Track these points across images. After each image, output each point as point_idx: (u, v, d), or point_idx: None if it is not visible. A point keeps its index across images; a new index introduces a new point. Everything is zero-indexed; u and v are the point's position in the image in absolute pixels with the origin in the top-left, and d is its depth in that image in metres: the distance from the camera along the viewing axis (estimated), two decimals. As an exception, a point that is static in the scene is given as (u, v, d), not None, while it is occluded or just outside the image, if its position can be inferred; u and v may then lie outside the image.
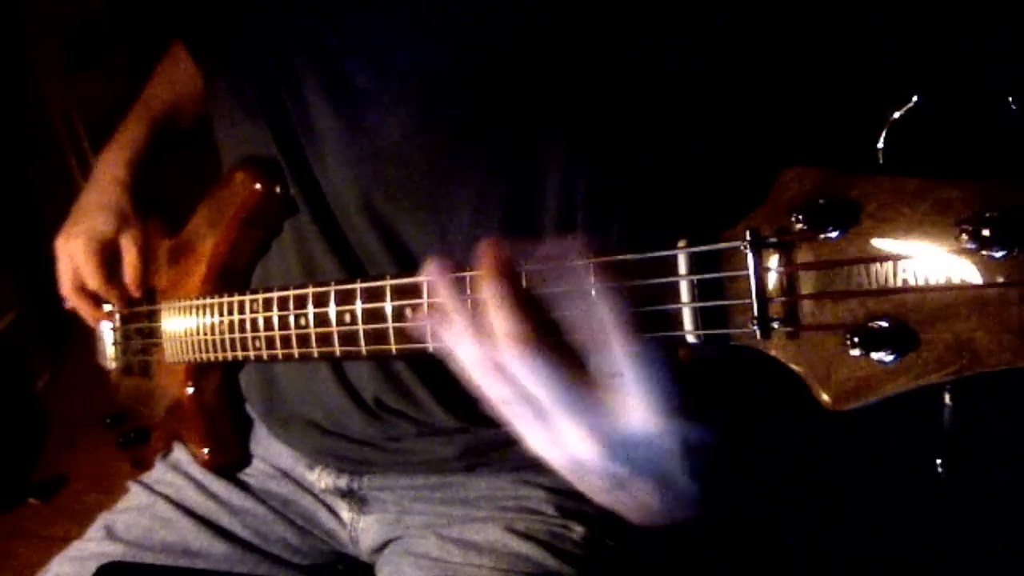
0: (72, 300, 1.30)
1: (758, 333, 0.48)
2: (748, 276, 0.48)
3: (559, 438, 0.56)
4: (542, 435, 0.57)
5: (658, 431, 0.54)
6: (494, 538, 0.97)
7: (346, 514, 1.11)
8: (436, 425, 0.98)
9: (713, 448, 0.57)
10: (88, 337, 1.46)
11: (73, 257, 1.23)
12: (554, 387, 0.53)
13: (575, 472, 0.59)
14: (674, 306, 0.52)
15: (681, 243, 0.52)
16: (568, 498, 1.00)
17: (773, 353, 0.49)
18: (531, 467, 1.01)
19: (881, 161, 0.46)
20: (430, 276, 0.63)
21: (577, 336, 0.54)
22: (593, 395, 0.54)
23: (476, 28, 0.83)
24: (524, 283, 0.58)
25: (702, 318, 0.51)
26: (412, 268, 0.89)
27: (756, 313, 0.48)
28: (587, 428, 0.54)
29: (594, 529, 0.98)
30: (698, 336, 0.51)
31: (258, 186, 1.00)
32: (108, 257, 1.24)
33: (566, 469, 0.59)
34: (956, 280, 0.40)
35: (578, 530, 0.98)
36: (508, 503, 1.01)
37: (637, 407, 0.52)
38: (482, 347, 0.57)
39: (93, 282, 1.24)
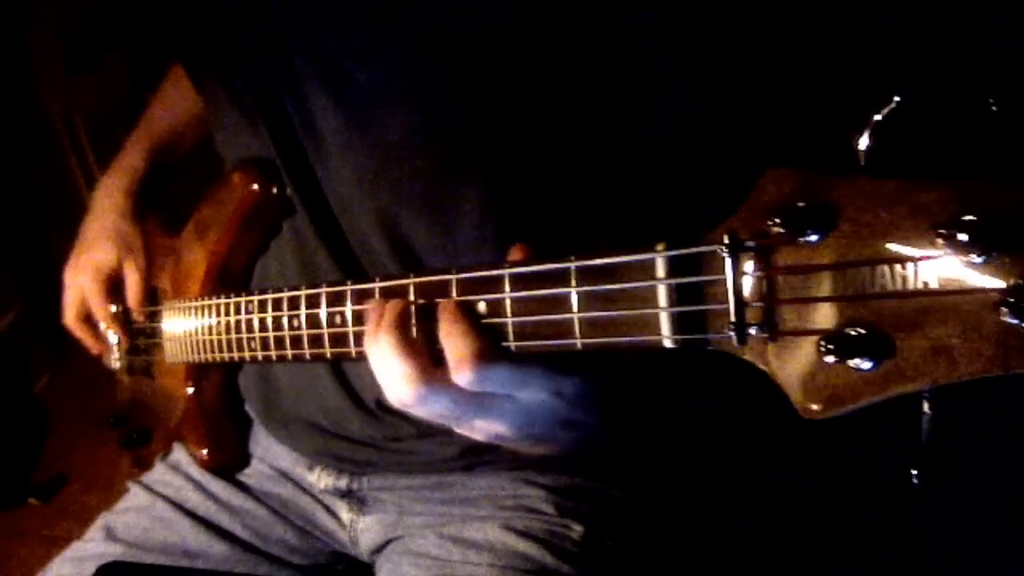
0: (75, 331, 1.33)
1: (735, 339, 0.47)
2: (726, 280, 0.47)
3: (473, 432, 0.71)
4: (462, 429, 0.71)
5: (547, 396, 0.67)
6: (493, 537, 0.97)
7: (345, 515, 1.11)
8: (436, 425, 0.98)
9: (595, 391, 0.70)
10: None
11: (81, 289, 1.27)
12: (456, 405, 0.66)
13: (499, 443, 0.72)
14: (651, 310, 0.51)
15: (659, 246, 0.51)
16: (567, 497, 1.00)
17: (749, 359, 0.48)
18: (531, 466, 1.01)
19: (863, 162, 0.45)
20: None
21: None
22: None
23: (476, 28, 0.83)
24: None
25: (679, 323, 0.51)
26: (416, 267, 0.90)
27: (733, 318, 0.47)
28: (496, 421, 0.69)
29: (593, 528, 0.98)
30: (675, 341, 0.51)
31: (256, 187, 1.00)
32: (114, 287, 1.27)
33: (491, 443, 0.72)
34: (933, 285, 0.39)
35: (577, 529, 0.98)
36: (507, 502, 1.01)
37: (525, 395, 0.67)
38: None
39: (100, 314, 1.27)
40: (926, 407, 0.44)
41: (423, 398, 0.65)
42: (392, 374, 0.66)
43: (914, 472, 0.44)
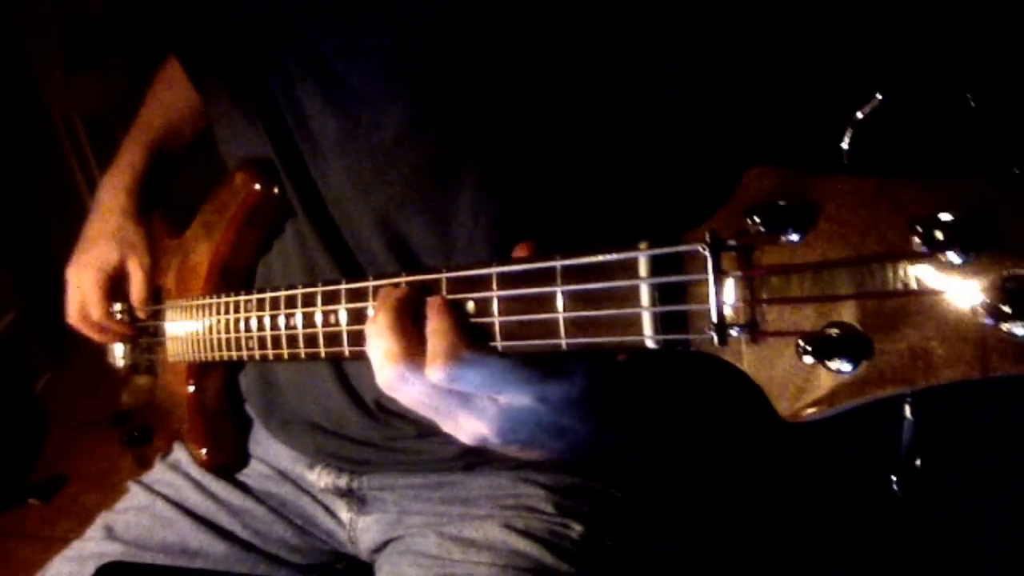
0: (79, 328, 1.32)
1: (716, 339, 0.47)
2: (707, 280, 0.47)
3: (457, 430, 0.70)
4: (446, 425, 0.70)
5: (531, 401, 0.66)
6: (493, 536, 0.97)
7: (345, 514, 1.11)
8: (436, 426, 0.97)
9: (586, 398, 0.67)
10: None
11: (81, 288, 1.27)
12: (436, 395, 0.66)
13: (485, 446, 0.71)
14: (634, 310, 0.51)
15: (642, 245, 0.50)
16: (567, 497, 1.00)
17: (730, 360, 0.47)
18: (530, 466, 1.01)
19: (846, 161, 0.44)
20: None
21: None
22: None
23: (465, 27, 0.83)
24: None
25: (662, 323, 0.50)
26: (413, 266, 0.90)
27: (714, 319, 0.46)
28: (478, 420, 0.67)
29: (593, 527, 0.98)
30: (657, 342, 0.50)
31: (257, 186, 1.00)
32: (115, 286, 1.28)
33: (477, 445, 0.71)
34: (912, 285, 0.38)
35: (577, 528, 0.98)
36: (507, 501, 1.01)
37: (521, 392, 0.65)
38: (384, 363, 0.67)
39: (96, 313, 1.27)
40: (907, 412, 0.43)
41: (402, 378, 0.66)
42: (378, 351, 0.66)
43: (894, 478, 0.43)
